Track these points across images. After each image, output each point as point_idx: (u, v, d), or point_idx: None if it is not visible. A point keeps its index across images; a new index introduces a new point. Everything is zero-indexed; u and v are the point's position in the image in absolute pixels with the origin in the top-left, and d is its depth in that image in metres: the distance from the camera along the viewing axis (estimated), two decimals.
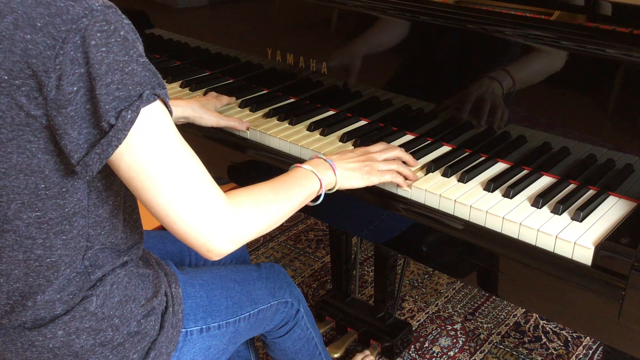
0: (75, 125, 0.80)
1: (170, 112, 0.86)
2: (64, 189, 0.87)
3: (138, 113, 0.80)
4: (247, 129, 1.39)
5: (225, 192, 0.92)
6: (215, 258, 0.91)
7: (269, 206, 0.96)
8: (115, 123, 0.79)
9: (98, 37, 0.77)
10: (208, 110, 1.38)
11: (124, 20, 0.82)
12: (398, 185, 1.16)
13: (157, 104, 0.83)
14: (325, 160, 1.10)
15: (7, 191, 0.85)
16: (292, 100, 1.54)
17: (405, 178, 1.17)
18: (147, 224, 1.08)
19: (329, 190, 1.09)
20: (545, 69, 1.12)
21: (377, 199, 1.19)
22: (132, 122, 0.80)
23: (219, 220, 0.88)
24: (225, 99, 1.49)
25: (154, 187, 0.84)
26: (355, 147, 1.30)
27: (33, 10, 0.77)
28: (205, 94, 1.58)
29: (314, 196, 1.06)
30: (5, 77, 0.79)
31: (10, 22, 0.77)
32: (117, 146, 0.80)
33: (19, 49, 0.77)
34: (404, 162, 1.20)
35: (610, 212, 1.07)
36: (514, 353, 1.85)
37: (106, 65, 0.78)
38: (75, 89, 0.78)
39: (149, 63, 0.83)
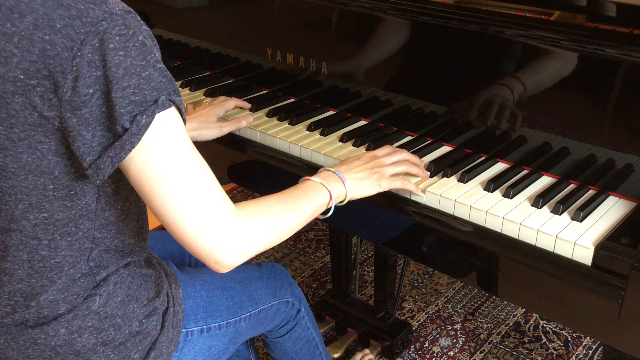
0: (89, 127, 0.80)
1: (184, 120, 0.86)
2: (72, 192, 0.87)
3: (153, 118, 0.80)
4: (249, 123, 1.38)
5: (230, 198, 0.92)
6: (223, 270, 0.90)
7: (277, 218, 0.95)
8: (129, 127, 0.79)
9: (117, 41, 0.77)
10: (208, 124, 1.34)
11: (143, 26, 0.82)
12: (411, 193, 1.14)
13: (172, 110, 0.83)
14: (334, 172, 1.09)
15: (15, 191, 0.85)
16: (292, 100, 1.54)
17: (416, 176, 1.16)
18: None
19: (340, 202, 1.08)
20: (545, 69, 1.12)
21: (377, 200, 1.19)
22: (146, 126, 0.80)
23: (228, 231, 0.87)
24: (231, 103, 1.44)
25: (163, 194, 0.83)
26: (356, 148, 1.30)
27: (54, 12, 0.77)
28: (205, 94, 1.59)
29: (323, 209, 1.05)
30: (22, 77, 0.79)
31: (30, 22, 0.78)
32: (130, 150, 0.80)
33: (37, 49, 0.77)
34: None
35: (610, 212, 1.07)
36: (514, 353, 1.85)
37: (123, 69, 0.78)
38: (91, 91, 0.78)
39: (166, 69, 0.84)
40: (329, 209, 1.06)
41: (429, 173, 1.18)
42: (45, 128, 0.82)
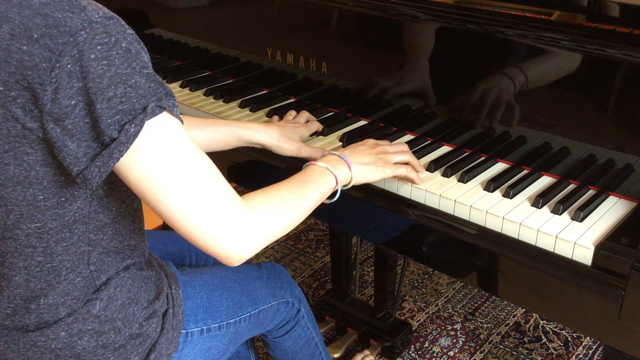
0: (74, 138, 0.78)
1: (181, 121, 0.85)
2: (62, 199, 0.86)
3: (142, 127, 0.78)
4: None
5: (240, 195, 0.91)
6: (236, 264, 0.89)
7: (286, 207, 0.94)
8: (117, 137, 0.78)
9: (98, 50, 0.75)
10: (289, 139, 1.26)
11: (127, 31, 0.79)
12: (412, 182, 1.14)
13: (164, 116, 0.81)
14: (339, 156, 1.08)
15: (5, 202, 0.85)
16: (292, 100, 1.54)
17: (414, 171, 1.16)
18: (147, 224, 1.08)
19: (345, 186, 1.08)
20: (545, 69, 1.12)
21: (377, 200, 1.19)
22: (135, 135, 0.78)
23: (237, 225, 0.87)
24: (315, 126, 1.35)
25: (167, 199, 0.82)
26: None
27: (30, 21, 0.75)
28: (205, 94, 1.58)
29: (330, 193, 1.05)
30: (1, 88, 0.77)
31: (6, 32, 0.76)
32: (118, 159, 0.79)
33: (15, 60, 0.76)
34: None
35: (610, 212, 1.07)
36: (514, 353, 1.85)
37: (108, 79, 0.76)
38: (73, 102, 0.76)
39: (154, 74, 0.81)
40: (335, 192, 1.06)
41: (424, 169, 1.19)
42: (29, 139, 0.80)
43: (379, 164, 1.11)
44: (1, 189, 0.84)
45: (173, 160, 0.82)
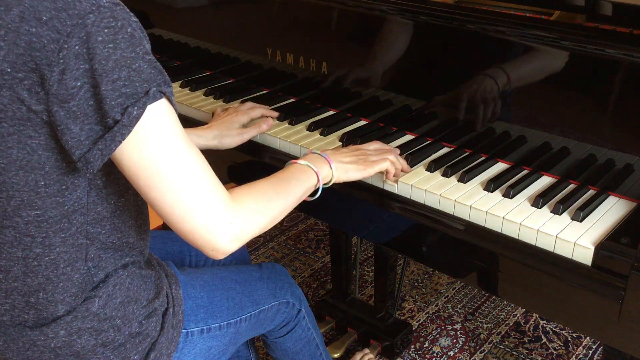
0: (77, 120, 0.80)
1: (176, 110, 0.87)
2: (63, 187, 0.87)
3: (144, 110, 0.80)
4: (269, 127, 1.37)
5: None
6: (220, 257, 0.91)
7: (270, 203, 0.97)
8: (120, 119, 0.79)
9: (105, 33, 0.77)
10: (230, 132, 1.32)
11: (132, 18, 0.82)
12: (386, 177, 1.16)
13: (163, 102, 0.83)
14: (320, 154, 1.11)
15: (6, 187, 0.85)
16: (292, 100, 1.54)
17: (400, 170, 1.18)
18: None
19: (326, 184, 1.10)
20: (545, 69, 1.12)
21: (376, 199, 1.19)
22: (137, 118, 0.80)
23: (224, 219, 0.88)
24: (257, 111, 1.40)
25: (159, 185, 0.84)
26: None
27: (40, 4, 0.77)
28: (205, 94, 1.59)
29: (311, 190, 1.07)
30: (8, 70, 0.79)
31: (16, 15, 0.77)
32: (120, 142, 0.80)
33: (24, 42, 0.77)
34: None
35: (610, 212, 1.07)
36: (514, 353, 1.85)
37: (113, 62, 0.78)
38: (79, 84, 0.78)
39: (155, 61, 0.84)
40: (317, 190, 1.08)
41: (411, 169, 1.21)
42: (34, 122, 0.81)
43: (359, 163, 1.13)
44: (4, 173, 0.84)
45: (168, 146, 0.83)
